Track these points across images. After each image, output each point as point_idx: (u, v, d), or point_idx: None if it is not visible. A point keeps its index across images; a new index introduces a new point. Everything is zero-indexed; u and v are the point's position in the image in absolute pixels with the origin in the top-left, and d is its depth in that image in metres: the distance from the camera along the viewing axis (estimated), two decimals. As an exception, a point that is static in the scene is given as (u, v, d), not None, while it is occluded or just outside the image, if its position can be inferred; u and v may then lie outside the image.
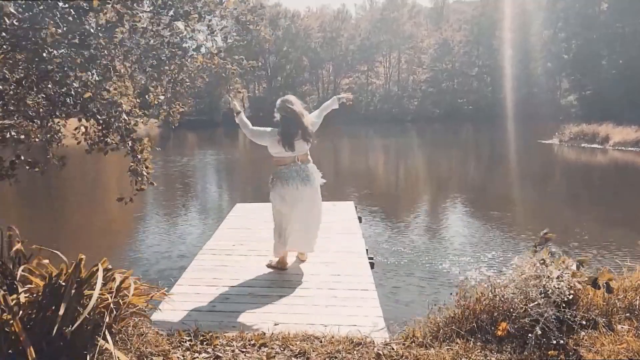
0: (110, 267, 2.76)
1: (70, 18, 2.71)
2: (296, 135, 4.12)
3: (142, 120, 3.65)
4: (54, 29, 2.61)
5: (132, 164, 3.52)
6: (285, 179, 4.13)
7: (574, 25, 41.33)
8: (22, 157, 3.23)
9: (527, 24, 41.88)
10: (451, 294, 3.16)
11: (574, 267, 3.03)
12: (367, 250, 4.92)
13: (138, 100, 3.64)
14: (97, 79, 3.14)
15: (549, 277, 2.90)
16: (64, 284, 2.45)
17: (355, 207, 6.88)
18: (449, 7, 59.53)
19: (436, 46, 49.96)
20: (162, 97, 3.71)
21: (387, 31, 51.69)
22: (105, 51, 3.05)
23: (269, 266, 4.38)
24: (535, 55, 42.33)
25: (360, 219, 6.37)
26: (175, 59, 3.47)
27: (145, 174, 3.57)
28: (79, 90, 3.10)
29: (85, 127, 3.57)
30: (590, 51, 39.64)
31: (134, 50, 3.28)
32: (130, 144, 3.44)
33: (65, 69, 2.98)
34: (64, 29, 2.69)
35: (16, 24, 2.67)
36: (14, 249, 2.81)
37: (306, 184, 4.15)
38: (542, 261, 2.99)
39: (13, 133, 3.27)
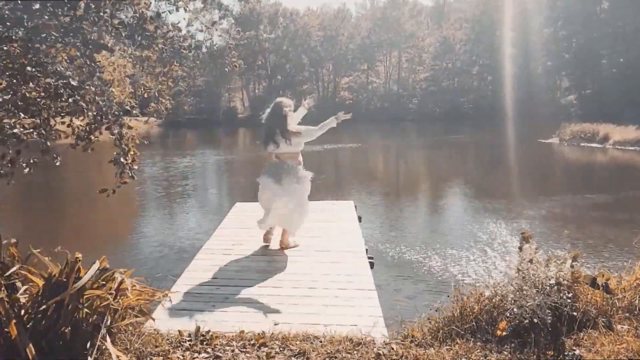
0: (108, 266, 2.76)
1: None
2: (275, 134, 4.49)
3: (135, 110, 3.60)
4: (46, 18, 2.61)
5: (116, 154, 3.48)
6: (263, 172, 4.66)
7: (574, 24, 41.30)
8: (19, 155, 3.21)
9: (528, 23, 41.86)
10: (448, 296, 3.16)
11: (568, 264, 3.03)
12: (366, 249, 4.92)
13: (131, 91, 3.62)
14: (86, 53, 3.08)
15: (547, 275, 2.90)
16: (65, 281, 2.45)
17: (355, 206, 6.88)
18: (450, 5, 59.52)
19: (437, 45, 49.92)
20: (150, 85, 3.66)
21: (387, 30, 51.65)
22: (95, 27, 3.01)
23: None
24: (536, 54, 42.31)
25: (360, 218, 6.37)
26: (166, 37, 3.41)
27: (128, 166, 3.53)
28: (73, 78, 3.08)
29: (72, 126, 3.52)
30: (590, 50, 39.62)
31: (126, 24, 3.22)
32: (117, 132, 3.39)
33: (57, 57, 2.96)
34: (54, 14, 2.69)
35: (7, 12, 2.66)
36: (11, 248, 2.81)
37: (276, 182, 4.52)
38: (536, 260, 3.00)
39: (13, 130, 3.25)
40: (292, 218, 4.67)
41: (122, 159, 3.46)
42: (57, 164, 3.42)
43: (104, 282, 2.67)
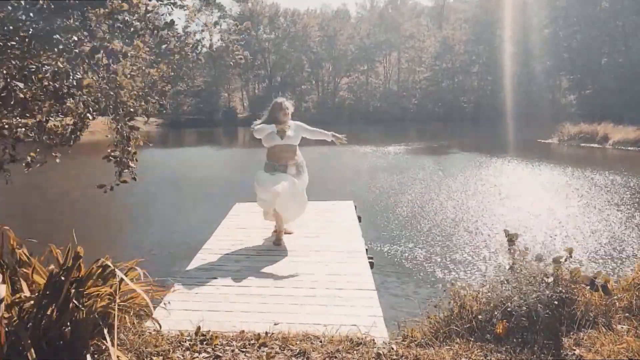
0: (110, 264, 2.76)
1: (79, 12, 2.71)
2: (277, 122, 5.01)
3: (144, 107, 3.60)
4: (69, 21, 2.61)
5: (113, 151, 3.48)
6: (267, 163, 5.08)
7: (574, 24, 41.31)
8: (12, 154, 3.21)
9: (528, 23, 41.87)
10: (444, 290, 3.17)
11: (563, 260, 3.03)
12: (366, 249, 4.92)
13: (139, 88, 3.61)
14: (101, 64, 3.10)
15: (545, 274, 2.90)
16: (63, 279, 2.44)
17: (355, 206, 6.88)
18: (450, 5, 59.53)
19: (437, 45, 49.91)
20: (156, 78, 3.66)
21: (387, 30, 51.69)
22: (108, 36, 3.01)
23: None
24: (535, 53, 42.30)
25: (360, 218, 6.37)
26: (169, 42, 3.42)
27: (132, 165, 3.53)
28: (79, 78, 3.08)
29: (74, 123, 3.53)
30: (590, 50, 39.63)
31: (137, 30, 3.23)
32: (126, 133, 3.40)
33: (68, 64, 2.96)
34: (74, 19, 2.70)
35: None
36: (13, 246, 2.80)
37: (281, 171, 5.00)
38: (528, 259, 3.01)
39: (14, 130, 3.24)
40: (294, 205, 4.99)
41: (124, 159, 3.46)
42: (58, 161, 3.42)
43: (104, 282, 2.67)
